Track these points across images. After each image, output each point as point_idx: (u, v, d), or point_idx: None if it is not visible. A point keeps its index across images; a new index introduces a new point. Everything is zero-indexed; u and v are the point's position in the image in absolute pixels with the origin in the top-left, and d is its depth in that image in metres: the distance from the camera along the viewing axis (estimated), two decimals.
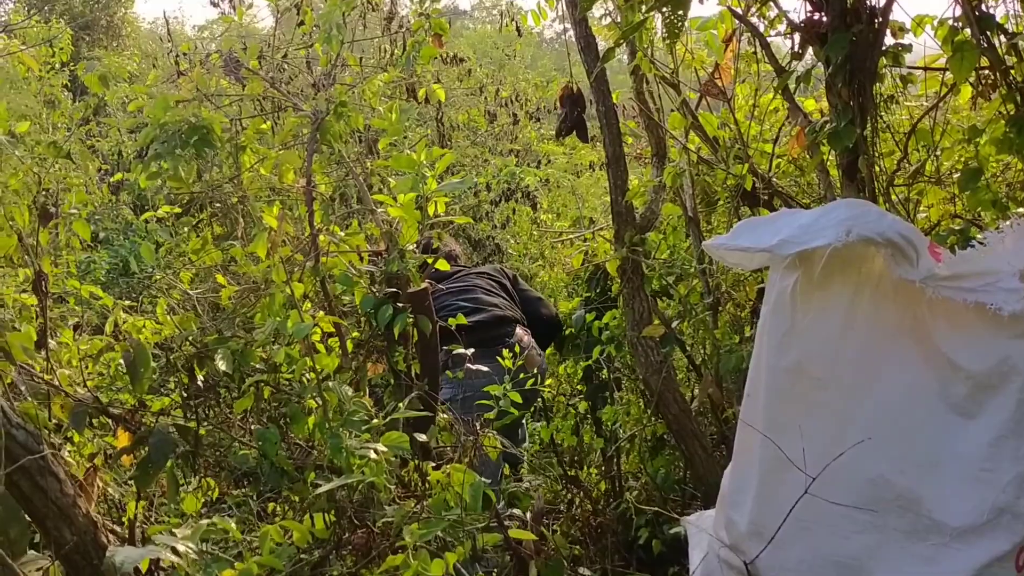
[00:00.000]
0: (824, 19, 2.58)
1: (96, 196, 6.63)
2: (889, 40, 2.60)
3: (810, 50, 2.75)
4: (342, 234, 3.13)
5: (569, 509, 3.75)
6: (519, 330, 4.17)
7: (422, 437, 2.66)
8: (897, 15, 2.69)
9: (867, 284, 1.87)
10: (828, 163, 2.89)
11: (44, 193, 3.14)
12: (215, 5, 3.97)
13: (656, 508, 3.01)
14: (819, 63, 2.75)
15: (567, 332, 4.06)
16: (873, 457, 1.85)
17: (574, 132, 3.65)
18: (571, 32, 3.45)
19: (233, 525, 2.80)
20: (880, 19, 2.51)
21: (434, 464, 2.58)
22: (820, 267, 1.83)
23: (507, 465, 3.60)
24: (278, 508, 3.10)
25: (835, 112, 2.53)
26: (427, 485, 2.41)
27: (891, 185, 2.70)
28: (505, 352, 2.91)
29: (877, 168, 2.63)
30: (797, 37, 2.75)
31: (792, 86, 2.78)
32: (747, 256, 2.00)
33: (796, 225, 1.88)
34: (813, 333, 1.89)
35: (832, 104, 2.56)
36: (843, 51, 2.46)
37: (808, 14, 2.62)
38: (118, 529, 2.71)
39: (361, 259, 3.15)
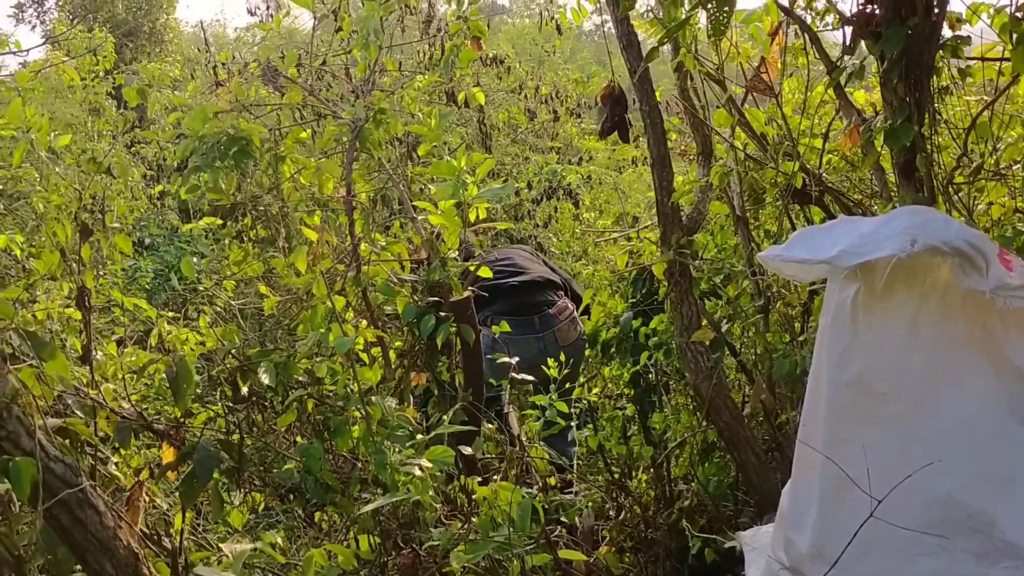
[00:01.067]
0: (877, 11, 2.48)
1: (141, 202, 6.69)
2: (946, 32, 2.49)
3: (861, 42, 2.65)
4: (383, 242, 3.09)
5: (618, 515, 3.68)
6: (562, 300, 4.13)
7: (467, 450, 2.61)
8: (952, 5, 2.58)
9: (932, 294, 1.77)
10: (882, 159, 2.79)
11: (85, 208, 3.13)
12: (252, 13, 3.96)
13: (709, 521, 2.92)
14: (871, 56, 2.66)
15: (611, 334, 3.98)
16: (941, 475, 1.75)
17: (616, 132, 3.57)
18: (610, 25, 3.37)
19: (280, 540, 2.81)
20: (937, 11, 2.40)
21: (480, 478, 2.52)
22: (882, 277, 1.73)
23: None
24: (324, 518, 3.08)
25: (890, 109, 2.42)
26: (473, 503, 2.36)
27: (950, 183, 2.58)
28: (552, 366, 2.85)
29: (935, 165, 2.52)
30: (848, 30, 2.65)
31: (843, 81, 2.67)
32: (804, 268, 1.91)
33: (857, 234, 1.79)
34: (875, 346, 1.80)
35: (887, 100, 2.45)
36: (899, 46, 2.35)
37: (860, 6, 2.52)
38: (167, 541, 2.71)
39: (403, 267, 3.11)
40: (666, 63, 3.57)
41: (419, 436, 2.40)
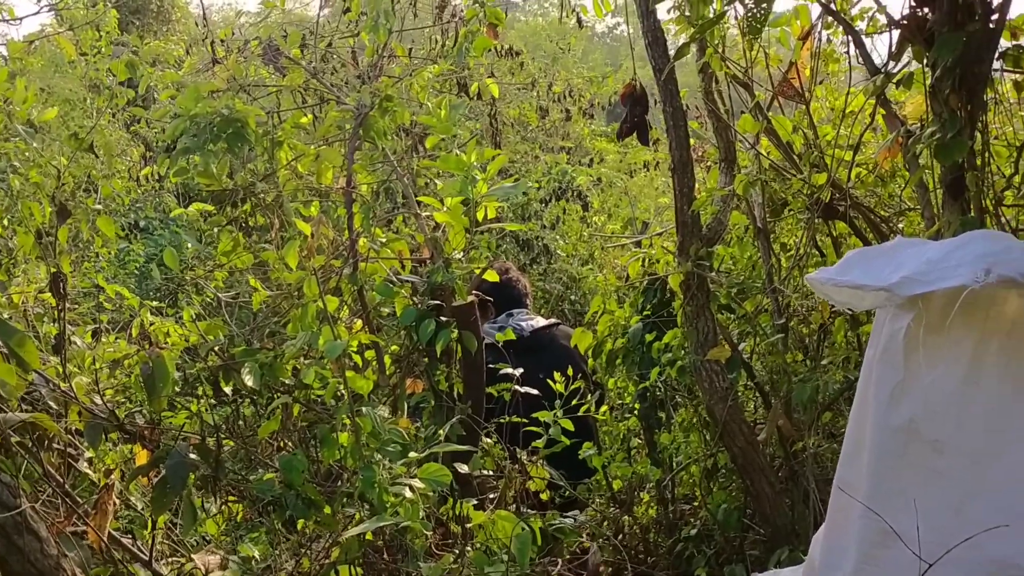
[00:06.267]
0: (930, 15, 2.29)
1: (135, 184, 6.49)
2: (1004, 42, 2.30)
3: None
4: (384, 239, 2.90)
5: (616, 536, 3.48)
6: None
7: (463, 468, 2.42)
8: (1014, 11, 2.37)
9: (996, 331, 1.57)
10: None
11: (79, 188, 2.94)
12: None
13: (716, 552, 2.73)
14: (916, 63, 2.47)
15: (619, 343, 3.77)
16: (1000, 536, 1.55)
17: (635, 133, 3.38)
18: (622, 28, 3.20)
19: (256, 554, 2.61)
20: (996, 17, 2.21)
21: (475, 500, 2.32)
22: (944, 310, 1.53)
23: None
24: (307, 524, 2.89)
25: (940, 121, 2.23)
26: (467, 531, 2.16)
27: (1000, 204, 2.39)
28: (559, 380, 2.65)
29: (985, 184, 2.32)
30: (895, 34, 2.46)
31: (890, 89, 2.48)
32: (859, 295, 1.70)
33: (923, 260, 1.58)
34: (930, 388, 1.59)
35: (936, 112, 2.26)
36: (953, 53, 2.16)
37: (912, 8, 2.32)
38: (141, 547, 2.51)
39: (403, 267, 2.92)
40: (684, 67, 3.38)
41: (412, 453, 2.20)
